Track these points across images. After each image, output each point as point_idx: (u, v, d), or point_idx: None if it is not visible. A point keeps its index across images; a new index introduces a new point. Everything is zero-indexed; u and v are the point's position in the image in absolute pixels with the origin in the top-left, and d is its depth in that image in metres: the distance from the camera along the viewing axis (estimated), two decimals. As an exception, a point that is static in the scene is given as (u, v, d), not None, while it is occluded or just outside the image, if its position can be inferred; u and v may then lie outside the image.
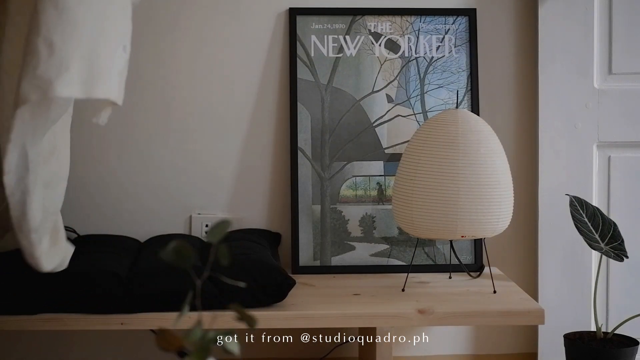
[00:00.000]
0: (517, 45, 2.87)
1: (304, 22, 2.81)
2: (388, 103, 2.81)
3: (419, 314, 2.37)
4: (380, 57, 2.81)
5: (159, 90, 2.82)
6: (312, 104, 2.79)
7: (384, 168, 2.79)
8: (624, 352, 2.54)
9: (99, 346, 2.83)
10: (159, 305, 2.33)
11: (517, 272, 2.88)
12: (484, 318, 2.41)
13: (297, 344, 2.85)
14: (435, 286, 2.61)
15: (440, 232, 2.44)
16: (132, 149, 2.83)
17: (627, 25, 2.80)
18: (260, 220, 2.85)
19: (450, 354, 2.91)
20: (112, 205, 2.82)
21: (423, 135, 2.49)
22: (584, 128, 2.81)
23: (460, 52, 2.82)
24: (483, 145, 2.44)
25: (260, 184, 2.85)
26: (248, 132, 2.84)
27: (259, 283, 2.34)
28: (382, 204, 2.78)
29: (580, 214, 2.61)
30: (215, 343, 1.15)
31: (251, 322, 1.17)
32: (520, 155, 2.88)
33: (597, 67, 2.81)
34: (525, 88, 2.88)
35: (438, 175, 2.42)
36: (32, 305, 2.32)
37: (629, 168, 2.83)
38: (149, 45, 2.81)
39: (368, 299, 2.47)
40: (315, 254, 2.76)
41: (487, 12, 2.85)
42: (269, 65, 2.83)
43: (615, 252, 2.58)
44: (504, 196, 2.45)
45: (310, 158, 2.78)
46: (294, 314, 2.35)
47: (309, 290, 2.55)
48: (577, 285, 2.81)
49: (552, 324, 2.70)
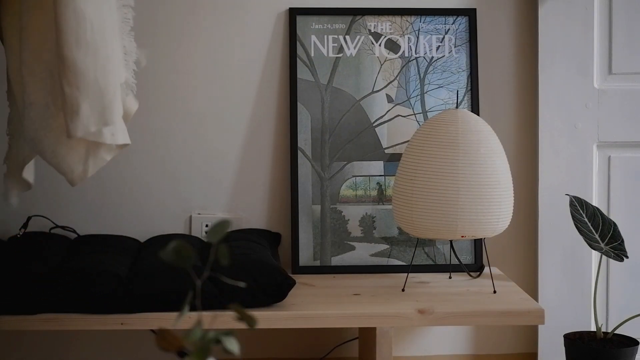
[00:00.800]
0: (517, 45, 2.87)
1: (304, 22, 2.81)
2: (388, 103, 2.81)
3: (419, 314, 2.37)
4: (380, 57, 2.81)
5: (158, 90, 2.82)
6: (312, 104, 2.79)
7: (384, 168, 2.79)
8: (624, 352, 2.54)
9: (99, 346, 2.83)
10: (159, 305, 2.33)
11: (517, 272, 2.88)
12: (484, 318, 2.41)
13: (297, 344, 2.85)
14: (435, 286, 2.61)
15: (440, 232, 2.44)
16: (132, 149, 2.82)
17: (627, 25, 2.80)
18: (260, 220, 2.85)
19: (450, 354, 2.91)
20: (112, 205, 2.82)
21: (423, 135, 2.49)
22: (584, 128, 2.81)
23: (460, 52, 2.82)
24: (483, 145, 2.44)
25: (260, 184, 2.84)
26: (248, 132, 2.84)
27: (259, 283, 2.34)
28: (382, 204, 2.78)
29: (580, 214, 2.61)
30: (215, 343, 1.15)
31: (251, 322, 1.17)
32: (520, 155, 2.88)
33: (597, 67, 2.81)
34: (525, 88, 2.87)
35: (438, 175, 2.42)
36: (32, 305, 2.32)
37: (629, 168, 2.83)
38: (148, 46, 2.81)
39: (368, 299, 2.47)
40: (315, 254, 2.76)
41: (487, 12, 2.85)
42: (269, 65, 2.83)
43: (615, 252, 2.58)
44: (504, 196, 2.45)
45: (310, 158, 2.78)
46: (294, 314, 2.35)
47: (309, 290, 2.55)
48: (577, 285, 2.81)
49: (552, 324, 2.70)
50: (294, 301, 2.39)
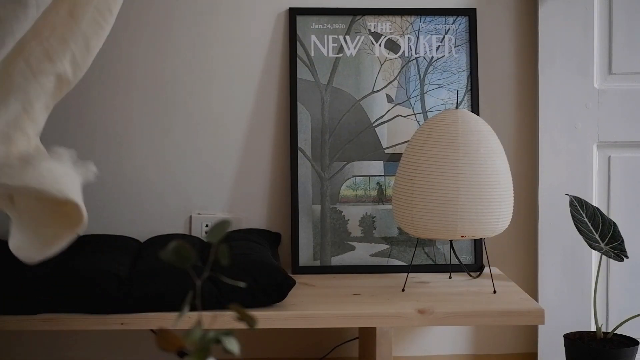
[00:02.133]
0: (517, 45, 2.87)
1: (304, 22, 2.81)
2: (388, 103, 2.81)
3: (419, 314, 2.37)
4: (380, 57, 2.81)
5: (158, 90, 2.82)
6: (312, 104, 2.79)
7: (384, 168, 2.79)
8: (624, 352, 2.54)
9: (99, 346, 2.83)
10: (159, 306, 2.33)
11: (517, 272, 2.88)
12: (484, 318, 2.41)
13: (297, 344, 2.85)
14: (435, 286, 2.61)
15: (440, 232, 2.44)
16: (132, 149, 2.82)
17: (627, 25, 2.80)
18: (260, 220, 2.85)
19: (450, 354, 2.91)
20: (112, 205, 2.82)
21: (423, 135, 2.49)
22: (584, 128, 2.81)
23: (460, 52, 2.82)
24: (483, 145, 2.44)
25: (260, 184, 2.84)
26: (248, 132, 2.84)
27: (259, 283, 2.34)
28: (382, 204, 2.78)
29: (580, 214, 2.61)
30: (215, 343, 1.15)
31: (251, 322, 1.17)
32: (520, 155, 2.88)
33: (597, 67, 2.81)
34: (525, 88, 2.87)
35: (438, 175, 2.42)
36: (32, 305, 2.32)
37: (629, 168, 2.83)
38: (148, 46, 2.81)
39: (368, 299, 2.47)
40: (315, 254, 2.76)
41: (487, 12, 2.85)
42: (269, 65, 2.82)
43: (615, 252, 2.58)
44: (504, 196, 2.45)
45: (310, 158, 2.78)
46: (294, 314, 2.35)
47: (309, 290, 2.55)
48: (577, 285, 2.81)
49: (552, 324, 2.70)
50: (294, 301, 2.39)
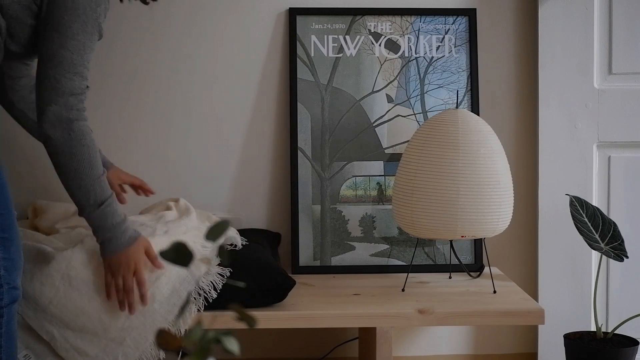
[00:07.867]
0: (517, 45, 2.87)
1: (304, 22, 2.81)
2: (388, 103, 2.81)
3: (419, 314, 2.37)
4: (380, 57, 2.81)
5: (158, 90, 2.82)
6: (312, 104, 2.79)
7: (384, 168, 2.79)
8: (624, 352, 2.54)
9: (99, 346, 2.82)
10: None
11: (517, 272, 2.88)
12: (484, 318, 2.41)
13: (297, 344, 2.85)
14: (435, 286, 2.61)
15: (440, 232, 2.44)
16: (132, 149, 2.82)
17: (627, 25, 2.80)
18: (260, 220, 2.85)
19: (450, 354, 2.91)
20: (112, 205, 2.82)
21: (423, 135, 2.49)
22: (584, 128, 2.81)
23: (460, 52, 2.82)
24: (483, 145, 2.44)
25: (260, 184, 2.85)
26: (248, 132, 2.84)
27: (259, 283, 2.34)
28: (382, 204, 2.78)
29: (580, 214, 2.61)
30: (215, 343, 1.15)
31: (251, 322, 1.17)
32: (520, 155, 2.88)
33: (597, 67, 2.81)
34: (525, 88, 2.88)
35: (438, 175, 2.42)
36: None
37: (629, 168, 2.83)
38: (148, 46, 2.81)
39: (368, 299, 2.47)
40: (315, 254, 2.76)
41: (487, 12, 2.85)
42: (269, 65, 2.83)
43: (615, 252, 2.58)
44: (504, 196, 2.45)
45: (310, 158, 2.78)
46: (294, 314, 2.35)
47: (309, 290, 2.55)
48: (577, 285, 2.81)
49: (552, 324, 2.70)
50: (294, 301, 2.39)
